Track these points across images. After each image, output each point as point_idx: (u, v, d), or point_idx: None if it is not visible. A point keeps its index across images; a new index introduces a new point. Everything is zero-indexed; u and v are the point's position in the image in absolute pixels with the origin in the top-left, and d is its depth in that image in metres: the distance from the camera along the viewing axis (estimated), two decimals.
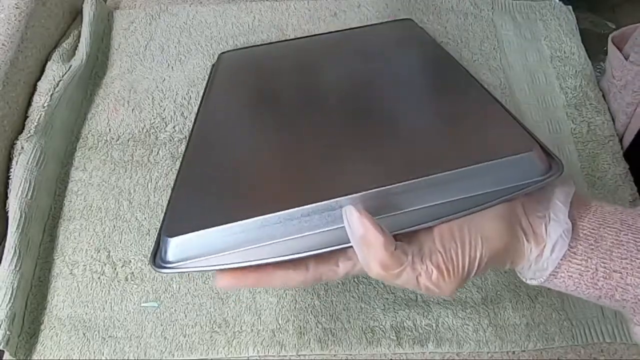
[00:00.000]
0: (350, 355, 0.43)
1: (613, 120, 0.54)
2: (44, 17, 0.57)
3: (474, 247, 0.29)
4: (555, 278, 0.30)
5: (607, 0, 0.69)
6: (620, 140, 0.53)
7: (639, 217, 0.30)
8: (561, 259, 0.29)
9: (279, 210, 0.30)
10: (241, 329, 0.44)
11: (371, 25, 0.58)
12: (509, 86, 0.57)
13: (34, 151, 0.50)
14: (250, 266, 0.29)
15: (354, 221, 0.28)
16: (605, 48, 0.65)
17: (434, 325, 0.43)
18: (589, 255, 0.29)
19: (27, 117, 0.52)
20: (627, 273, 0.29)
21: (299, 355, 0.43)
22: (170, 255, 0.31)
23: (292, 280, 0.30)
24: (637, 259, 0.29)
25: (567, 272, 0.30)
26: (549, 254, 0.29)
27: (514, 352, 0.43)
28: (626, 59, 0.51)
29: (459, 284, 0.29)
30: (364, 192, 0.30)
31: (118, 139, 0.54)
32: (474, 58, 0.59)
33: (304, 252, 0.30)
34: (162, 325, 0.44)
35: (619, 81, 0.52)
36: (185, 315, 0.45)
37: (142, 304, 0.45)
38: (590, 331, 0.43)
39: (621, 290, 0.29)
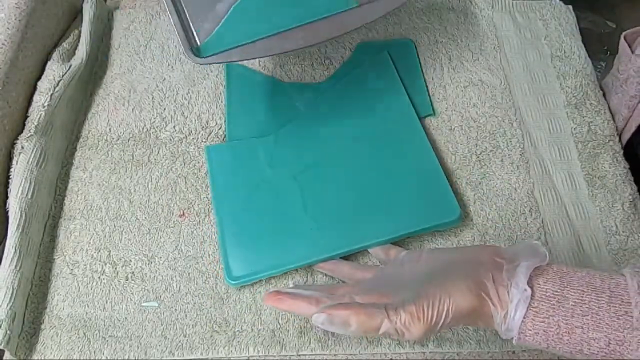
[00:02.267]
0: (351, 355, 0.43)
1: (613, 119, 0.54)
2: (44, 17, 0.57)
3: (442, 303, 0.34)
4: (526, 336, 0.34)
5: (607, 0, 0.69)
6: (620, 136, 0.53)
7: (609, 278, 0.34)
8: (526, 318, 0.34)
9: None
10: (242, 328, 0.44)
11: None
12: (509, 86, 0.57)
13: (34, 151, 0.50)
14: (288, 293, 0.38)
15: (323, 319, 0.35)
16: (605, 47, 0.65)
17: None
18: (551, 314, 0.33)
19: (27, 116, 0.52)
20: (588, 328, 0.32)
21: (299, 355, 0.43)
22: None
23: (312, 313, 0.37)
24: (598, 315, 0.32)
25: (533, 329, 0.34)
26: (512, 316, 0.34)
27: (514, 352, 0.43)
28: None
29: (427, 330, 0.34)
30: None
31: (118, 139, 0.54)
32: (474, 58, 0.59)
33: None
34: (162, 324, 0.44)
35: (622, 75, 0.52)
36: (186, 315, 0.45)
37: (143, 304, 0.45)
38: None
39: (586, 344, 0.33)
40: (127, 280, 0.47)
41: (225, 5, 0.47)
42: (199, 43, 0.46)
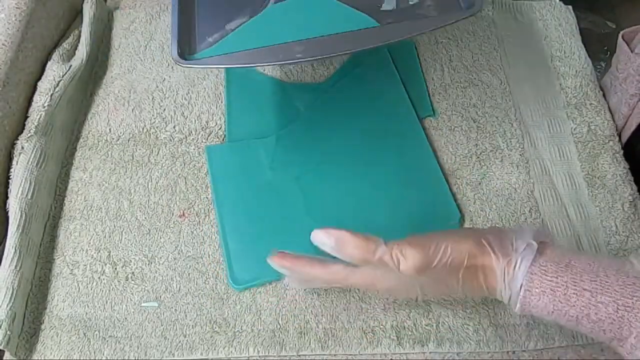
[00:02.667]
0: (351, 355, 0.43)
1: (613, 118, 0.54)
2: (44, 17, 0.57)
3: (440, 240, 0.34)
4: (532, 295, 0.33)
5: (607, 0, 0.69)
6: (620, 134, 0.53)
7: (615, 259, 0.34)
8: (532, 275, 0.33)
9: None
10: (241, 329, 0.44)
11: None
12: (509, 86, 0.57)
13: (34, 151, 0.50)
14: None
15: (322, 236, 0.36)
16: (605, 47, 0.65)
17: (434, 325, 0.43)
18: (559, 274, 0.33)
19: (27, 117, 0.52)
20: (597, 292, 0.32)
21: (299, 356, 0.43)
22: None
23: (318, 273, 0.38)
24: (607, 282, 0.32)
25: (540, 287, 0.33)
26: (517, 265, 0.33)
27: (514, 352, 0.43)
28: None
29: (424, 260, 0.34)
30: None
31: (118, 139, 0.54)
32: (474, 58, 0.59)
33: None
34: (162, 325, 0.44)
35: (621, 74, 0.52)
36: (186, 315, 0.45)
37: (143, 304, 0.45)
38: None
39: (594, 308, 0.32)
40: (127, 280, 0.47)
41: (234, 24, 0.45)
42: (196, 52, 0.44)
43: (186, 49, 0.44)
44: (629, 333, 0.31)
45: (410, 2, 0.44)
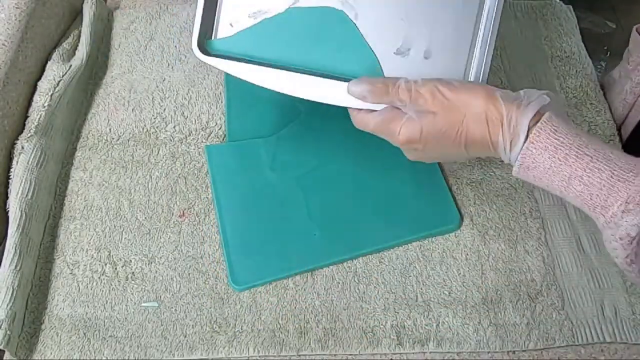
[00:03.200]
0: (351, 355, 0.43)
1: (613, 118, 0.54)
2: (44, 17, 0.57)
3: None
4: (534, 147, 0.34)
5: (607, 0, 0.69)
6: (621, 128, 0.53)
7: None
8: (542, 130, 0.34)
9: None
10: (242, 328, 0.44)
11: None
12: (510, 86, 0.57)
13: (34, 151, 0.50)
14: None
15: (352, 87, 0.41)
16: (605, 47, 0.65)
17: (434, 325, 0.43)
18: (569, 136, 0.34)
19: (28, 117, 0.52)
20: (597, 159, 0.33)
21: (300, 355, 0.43)
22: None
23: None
24: (609, 156, 0.33)
25: (545, 143, 0.33)
26: (524, 107, 0.34)
27: (514, 352, 0.43)
28: None
29: (432, 89, 0.37)
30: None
31: (118, 139, 0.54)
32: None
33: None
34: (162, 325, 0.44)
35: (630, 65, 0.52)
36: (186, 315, 0.45)
37: (143, 304, 0.45)
38: (591, 331, 0.43)
39: (589, 171, 0.33)
40: (127, 280, 0.47)
41: (259, 17, 0.44)
42: (212, 38, 0.44)
43: (205, 34, 0.44)
44: (615, 201, 0.32)
45: (425, 56, 0.44)
